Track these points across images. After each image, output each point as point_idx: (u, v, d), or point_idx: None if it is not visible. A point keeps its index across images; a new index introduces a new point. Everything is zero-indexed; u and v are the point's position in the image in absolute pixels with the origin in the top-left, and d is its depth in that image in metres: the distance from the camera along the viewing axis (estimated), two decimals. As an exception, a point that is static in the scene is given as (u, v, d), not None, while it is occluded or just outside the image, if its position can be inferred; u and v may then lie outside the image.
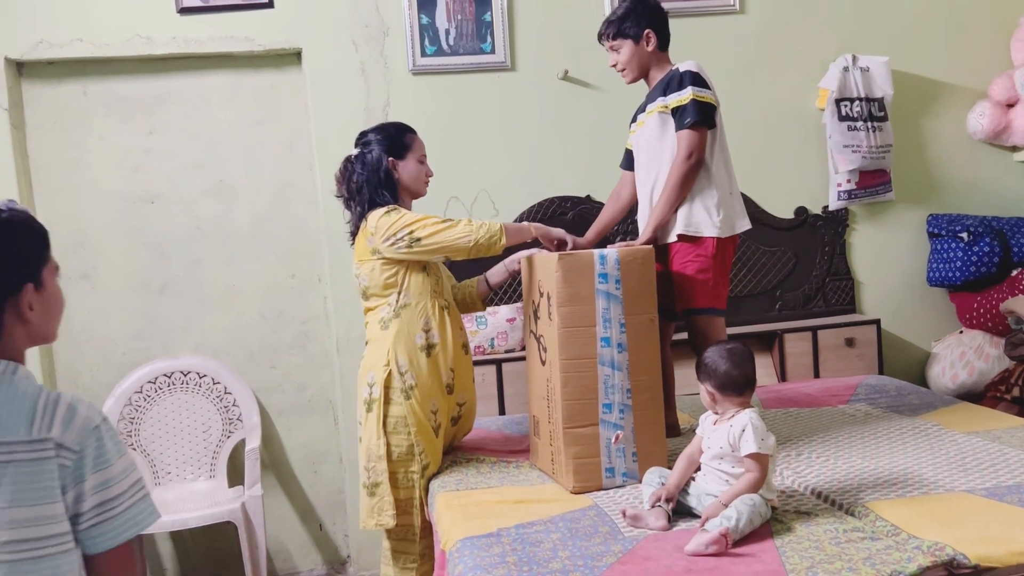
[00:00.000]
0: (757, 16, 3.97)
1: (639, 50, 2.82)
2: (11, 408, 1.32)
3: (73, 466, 1.33)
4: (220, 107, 3.78)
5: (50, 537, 1.32)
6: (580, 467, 2.51)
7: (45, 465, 1.31)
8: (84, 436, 1.35)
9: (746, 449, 2.13)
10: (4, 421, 1.31)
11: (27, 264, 1.40)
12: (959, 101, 4.12)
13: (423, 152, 2.79)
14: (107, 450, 1.37)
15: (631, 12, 2.81)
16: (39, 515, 1.30)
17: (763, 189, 3.98)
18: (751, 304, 3.98)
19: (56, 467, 1.32)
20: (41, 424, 1.32)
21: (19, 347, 1.41)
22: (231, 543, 3.60)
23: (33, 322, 1.41)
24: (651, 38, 2.81)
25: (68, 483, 1.33)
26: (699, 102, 2.69)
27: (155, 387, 3.67)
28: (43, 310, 1.43)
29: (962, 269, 3.86)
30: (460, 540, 2.23)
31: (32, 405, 1.33)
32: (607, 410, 2.52)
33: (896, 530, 2.04)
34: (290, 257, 3.85)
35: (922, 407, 3.23)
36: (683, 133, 2.69)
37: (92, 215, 3.72)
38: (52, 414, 1.33)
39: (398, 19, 3.74)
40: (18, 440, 1.30)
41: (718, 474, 2.20)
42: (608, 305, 2.52)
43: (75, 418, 1.34)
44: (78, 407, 1.36)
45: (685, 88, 2.70)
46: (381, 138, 2.74)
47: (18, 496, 1.29)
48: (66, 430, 1.33)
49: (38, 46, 3.54)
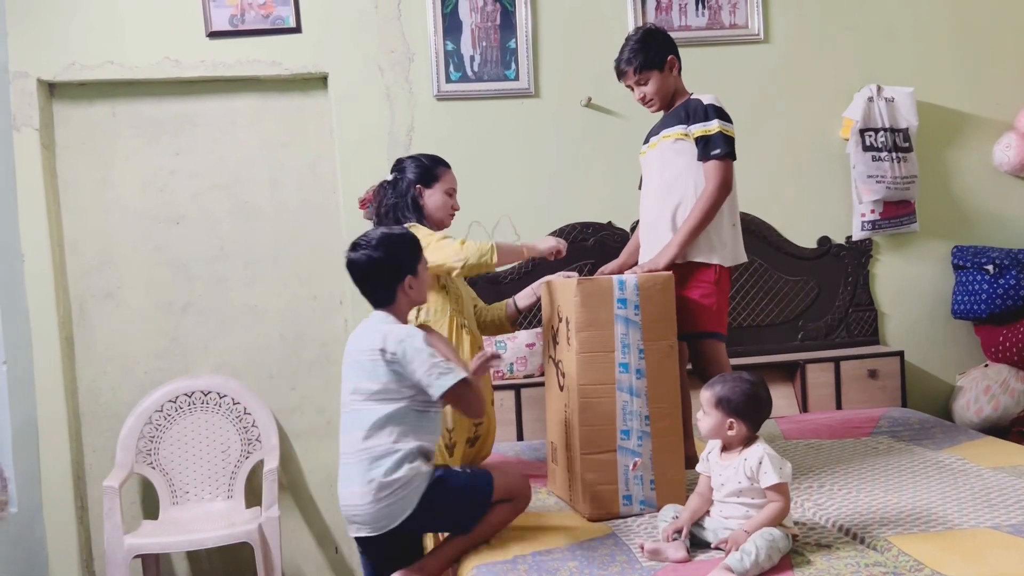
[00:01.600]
0: (782, 46, 3.97)
1: (664, 77, 2.88)
2: (371, 332, 2.30)
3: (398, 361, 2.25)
4: (246, 130, 3.82)
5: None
6: (597, 494, 2.49)
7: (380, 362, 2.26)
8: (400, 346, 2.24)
9: (767, 481, 2.11)
10: (369, 337, 2.30)
11: (410, 262, 2.38)
12: (985, 133, 4.10)
13: (453, 185, 2.88)
14: (416, 348, 2.24)
15: (650, 43, 2.87)
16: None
17: (787, 218, 3.96)
18: (773, 334, 3.95)
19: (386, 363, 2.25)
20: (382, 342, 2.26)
21: (402, 309, 2.40)
22: (247, 564, 3.60)
23: (410, 296, 2.39)
24: (675, 64, 2.89)
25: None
26: (726, 135, 2.74)
27: (175, 406, 3.68)
28: (416, 289, 2.40)
29: (987, 302, 3.81)
30: (476, 567, 2.22)
31: (380, 333, 2.27)
32: (625, 437, 2.51)
33: (919, 565, 2.01)
34: (312, 279, 3.87)
35: (946, 441, 3.19)
36: (714, 164, 2.73)
37: (117, 234, 3.76)
38: (386, 338, 2.26)
39: (423, 45, 3.77)
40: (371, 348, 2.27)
41: (739, 509, 2.18)
42: (627, 331, 2.51)
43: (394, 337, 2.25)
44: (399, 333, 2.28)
45: (712, 120, 2.75)
46: (414, 166, 2.86)
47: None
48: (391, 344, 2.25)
49: (70, 68, 3.60)
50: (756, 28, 3.93)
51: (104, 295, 3.75)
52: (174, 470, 3.67)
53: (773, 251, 3.93)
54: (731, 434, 2.19)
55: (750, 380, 2.21)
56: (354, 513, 2.25)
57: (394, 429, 2.24)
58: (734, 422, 2.19)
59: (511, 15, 3.80)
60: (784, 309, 3.96)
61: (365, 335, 2.32)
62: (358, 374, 2.29)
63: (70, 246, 3.72)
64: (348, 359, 2.35)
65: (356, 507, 2.24)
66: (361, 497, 2.22)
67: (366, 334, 2.32)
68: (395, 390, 2.25)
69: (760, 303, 3.93)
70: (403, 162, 2.90)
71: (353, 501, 2.24)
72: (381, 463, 2.21)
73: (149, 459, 3.63)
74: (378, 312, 2.39)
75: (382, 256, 2.34)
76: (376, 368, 2.26)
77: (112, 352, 3.76)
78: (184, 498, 3.66)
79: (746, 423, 2.18)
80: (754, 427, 2.19)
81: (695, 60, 3.92)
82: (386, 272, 2.35)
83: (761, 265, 3.91)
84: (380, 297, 2.38)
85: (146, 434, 3.63)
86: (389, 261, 2.35)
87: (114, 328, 3.76)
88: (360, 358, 2.29)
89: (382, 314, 2.37)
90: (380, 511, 2.22)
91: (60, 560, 3.63)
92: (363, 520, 2.24)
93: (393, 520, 2.23)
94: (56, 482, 3.62)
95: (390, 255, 2.35)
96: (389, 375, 2.25)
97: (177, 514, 3.61)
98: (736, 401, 2.18)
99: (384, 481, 2.20)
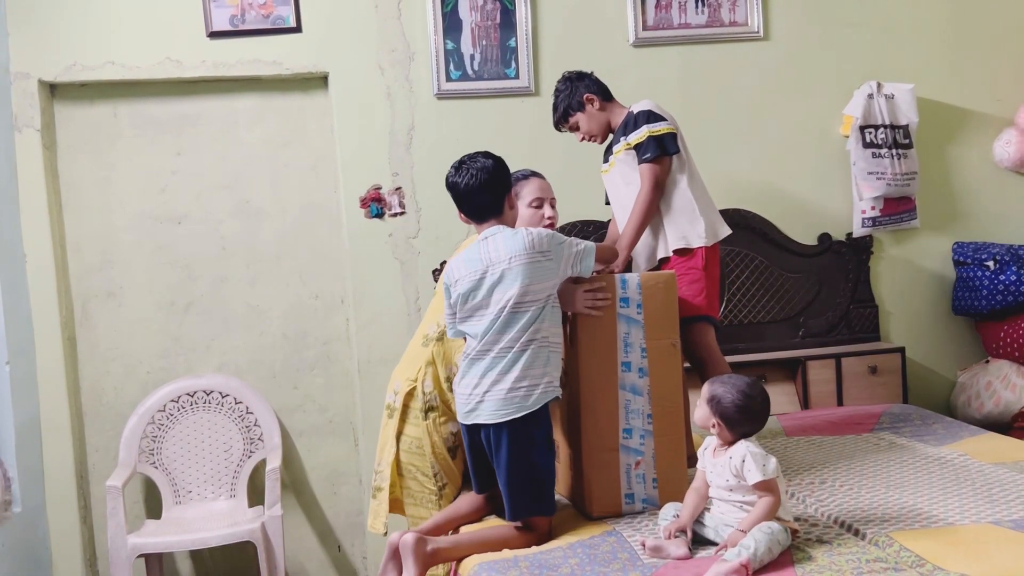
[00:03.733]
0: (781, 43, 3.97)
1: (590, 114, 3.08)
2: (509, 240, 2.43)
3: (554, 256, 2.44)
4: (247, 129, 3.83)
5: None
6: (600, 492, 2.50)
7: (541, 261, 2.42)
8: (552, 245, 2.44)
9: (752, 479, 2.12)
10: (508, 246, 2.42)
11: (509, 180, 2.58)
12: (985, 129, 4.10)
13: (538, 195, 2.87)
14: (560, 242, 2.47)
15: (565, 91, 3.10)
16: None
17: (787, 215, 3.97)
18: (774, 331, 3.95)
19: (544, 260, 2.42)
20: (531, 246, 2.41)
21: (508, 222, 2.54)
22: (250, 563, 3.61)
23: (511, 210, 2.57)
24: (593, 100, 3.07)
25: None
26: (654, 137, 2.89)
27: (178, 406, 3.69)
28: (513, 208, 2.59)
29: (988, 298, 3.82)
30: (477, 564, 2.22)
31: (523, 238, 2.42)
32: (627, 435, 2.52)
33: (921, 561, 2.02)
34: (313, 278, 3.88)
35: (947, 437, 3.20)
36: (643, 168, 2.91)
37: (119, 234, 3.76)
38: (534, 242, 2.41)
39: (424, 44, 3.78)
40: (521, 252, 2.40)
41: (734, 505, 2.19)
42: (629, 330, 2.52)
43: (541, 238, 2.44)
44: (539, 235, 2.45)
45: (640, 127, 2.93)
46: None
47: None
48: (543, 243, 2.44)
49: (71, 68, 3.60)
50: (756, 25, 3.93)
51: (106, 295, 3.76)
52: (177, 469, 3.68)
53: (774, 248, 3.94)
54: (714, 431, 2.21)
55: (748, 392, 2.19)
56: (477, 400, 2.41)
57: (532, 328, 2.39)
58: (717, 424, 2.20)
59: (511, 13, 3.81)
60: (785, 306, 3.96)
61: (505, 243, 2.42)
62: (519, 277, 2.38)
63: (72, 246, 3.73)
64: (494, 270, 2.41)
65: (478, 396, 2.40)
66: (491, 386, 2.39)
67: (505, 242, 2.43)
68: (534, 290, 2.39)
69: (761, 300, 3.93)
70: None
71: (483, 388, 2.40)
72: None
73: (152, 458, 3.64)
74: (491, 227, 2.50)
75: (493, 165, 2.51)
76: (538, 268, 2.40)
77: (115, 352, 3.77)
78: (187, 497, 3.67)
79: (729, 429, 2.19)
80: (737, 435, 2.20)
81: (695, 58, 3.95)
82: (498, 182, 2.52)
83: (762, 262, 3.91)
84: (491, 208, 2.52)
85: (149, 434, 3.64)
86: (499, 171, 2.52)
87: (116, 328, 3.77)
88: (515, 264, 2.39)
89: (498, 226, 2.50)
90: (499, 403, 2.37)
91: (64, 559, 3.64)
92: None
93: (502, 418, 2.37)
94: (59, 482, 3.63)
95: (499, 166, 2.53)
96: (538, 273, 2.40)
97: (180, 513, 3.61)
98: (725, 407, 2.19)
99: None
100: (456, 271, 2.49)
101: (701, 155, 3.91)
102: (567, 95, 3.09)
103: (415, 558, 2.23)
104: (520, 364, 2.36)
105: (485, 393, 2.38)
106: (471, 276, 2.44)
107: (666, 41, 3.89)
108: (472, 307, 2.44)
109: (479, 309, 2.42)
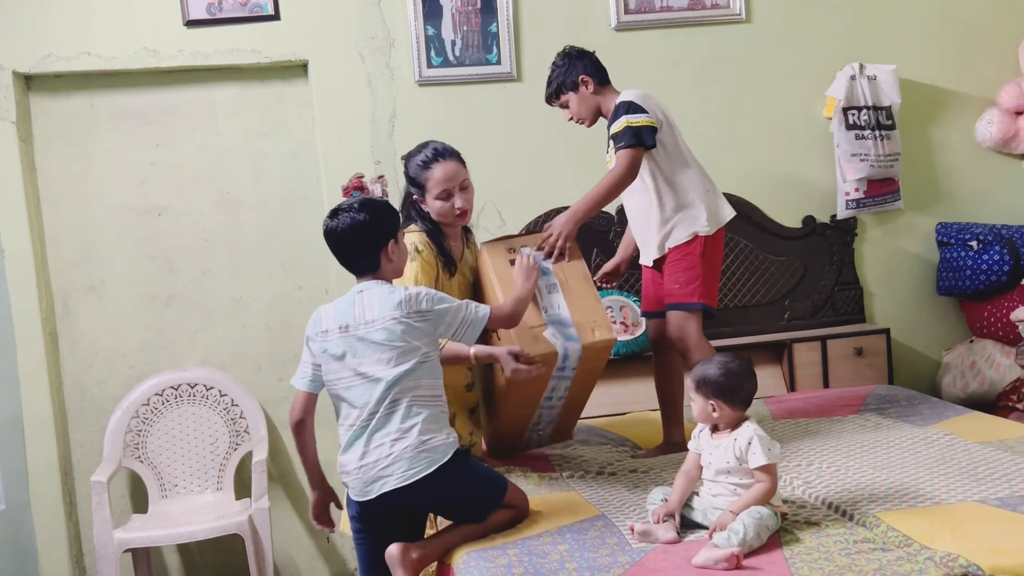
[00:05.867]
0: (763, 25, 3.96)
1: (582, 96, 3.02)
2: (385, 298, 2.27)
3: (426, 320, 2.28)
4: (227, 119, 3.79)
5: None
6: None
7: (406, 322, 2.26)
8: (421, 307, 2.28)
9: (756, 462, 2.12)
10: (382, 304, 2.26)
11: (391, 227, 2.34)
12: (967, 109, 4.10)
13: (445, 186, 2.66)
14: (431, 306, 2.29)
15: (562, 67, 3.02)
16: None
17: (771, 198, 3.96)
18: (759, 314, 3.96)
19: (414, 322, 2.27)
20: (407, 304, 2.26)
21: (387, 276, 2.35)
22: (238, 556, 3.59)
23: (392, 262, 2.35)
24: (588, 82, 3.00)
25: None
26: (631, 127, 2.85)
27: (162, 399, 3.66)
28: (397, 257, 2.36)
29: (972, 278, 3.83)
30: (466, 552, 2.21)
31: (399, 296, 2.26)
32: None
33: (908, 541, 2.02)
34: (297, 269, 3.85)
35: (933, 417, 3.21)
36: (619, 154, 2.87)
37: (99, 227, 3.72)
38: (410, 300, 2.26)
39: (404, 30, 3.74)
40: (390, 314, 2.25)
41: (727, 488, 2.18)
42: (557, 384, 2.72)
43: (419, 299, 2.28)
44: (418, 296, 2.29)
45: (620, 117, 2.88)
46: (406, 175, 2.76)
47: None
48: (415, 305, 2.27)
49: (46, 59, 3.55)
50: (738, 8, 3.92)
51: (87, 288, 3.72)
52: (162, 463, 3.65)
53: (758, 231, 3.93)
54: (716, 416, 2.20)
55: (724, 359, 2.21)
56: (381, 468, 2.22)
57: (416, 384, 2.26)
58: (715, 404, 2.19)
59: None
60: (770, 289, 3.96)
61: (380, 299, 2.26)
62: (389, 337, 2.23)
63: (51, 240, 3.69)
64: (355, 332, 2.26)
65: (383, 460, 2.22)
66: (391, 448, 2.21)
67: (381, 299, 2.26)
68: (412, 348, 2.25)
69: (746, 284, 3.93)
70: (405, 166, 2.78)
71: (382, 454, 2.22)
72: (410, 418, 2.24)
73: (137, 453, 3.62)
74: (366, 281, 2.32)
75: (366, 218, 2.29)
76: (401, 329, 2.23)
77: (97, 346, 3.73)
78: (173, 491, 3.65)
79: (727, 403, 2.18)
80: (737, 407, 2.19)
81: (677, 41, 3.93)
82: (371, 235, 2.30)
83: (747, 246, 3.91)
84: (364, 263, 2.33)
85: (133, 428, 3.62)
86: (373, 223, 2.30)
87: (98, 322, 3.73)
88: (388, 323, 2.23)
89: (375, 281, 2.32)
90: (408, 462, 2.20)
91: (50, 556, 3.61)
92: (387, 473, 2.22)
93: (417, 475, 2.20)
94: (44, 478, 3.60)
95: (374, 218, 2.30)
96: (413, 333, 2.25)
97: (166, 507, 3.59)
98: (712, 382, 2.18)
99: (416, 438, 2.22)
100: (324, 322, 2.32)
101: (685, 138, 3.91)
102: (563, 71, 3.01)
103: (403, 568, 2.23)
104: (412, 420, 2.21)
105: (386, 458, 2.21)
106: (340, 333, 2.27)
107: (648, 25, 3.87)
108: (342, 367, 2.27)
109: (350, 371, 2.26)
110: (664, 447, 3.04)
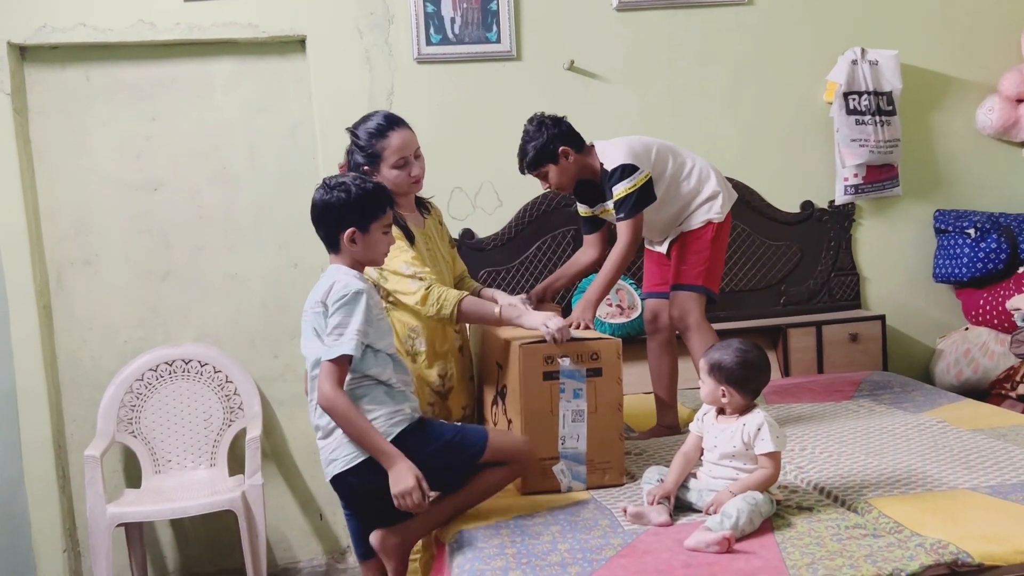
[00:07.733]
0: (765, 8, 3.93)
1: (563, 167, 2.92)
2: (321, 283, 2.24)
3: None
4: (223, 94, 3.76)
5: None
6: None
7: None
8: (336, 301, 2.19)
9: (763, 448, 2.12)
10: (317, 288, 2.24)
11: (358, 216, 2.23)
12: (968, 96, 4.09)
13: (402, 154, 2.59)
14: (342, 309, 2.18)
15: (538, 140, 2.90)
16: None
17: (769, 183, 3.95)
18: (755, 298, 3.95)
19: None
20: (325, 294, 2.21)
21: (347, 261, 2.27)
22: (231, 532, 3.59)
23: (352, 251, 2.25)
24: (569, 153, 2.90)
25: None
26: (631, 194, 2.82)
27: (156, 375, 3.66)
28: (362, 246, 2.25)
29: (968, 265, 3.83)
30: (459, 532, 2.22)
31: (325, 286, 2.21)
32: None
33: (899, 527, 2.03)
34: (292, 245, 3.84)
35: (926, 404, 3.22)
36: (622, 224, 2.84)
37: (94, 201, 3.70)
38: (328, 291, 2.20)
39: (403, 7, 3.71)
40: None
41: (729, 471, 2.19)
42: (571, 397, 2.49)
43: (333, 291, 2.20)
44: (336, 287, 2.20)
45: (618, 184, 2.84)
46: (356, 149, 2.64)
47: None
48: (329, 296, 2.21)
49: (41, 30, 3.51)
50: (740, -10, 3.89)
51: (82, 263, 3.70)
52: (156, 439, 3.65)
53: (756, 216, 3.93)
54: (725, 401, 2.20)
55: (743, 348, 2.20)
56: (331, 450, 2.22)
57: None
58: (726, 390, 2.19)
59: (492, -24, 3.74)
60: (767, 274, 3.96)
61: (319, 285, 2.25)
62: (308, 324, 2.24)
63: (46, 213, 3.66)
64: (305, 312, 2.28)
65: (331, 443, 2.22)
66: (333, 431, 2.21)
67: (319, 284, 2.25)
68: None
69: (742, 268, 3.93)
70: (350, 142, 2.67)
71: (327, 436, 2.23)
72: None
73: (131, 428, 3.61)
74: (332, 261, 2.30)
75: (336, 196, 2.22)
76: (316, 316, 2.21)
77: (91, 321, 3.72)
78: (166, 467, 3.65)
79: (739, 391, 2.18)
80: (748, 395, 2.19)
81: (678, 22, 3.90)
82: (333, 215, 2.23)
83: (744, 230, 3.91)
84: (326, 241, 2.29)
85: (127, 403, 3.61)
86: (340, 205, 2.22)
87: (93, 297, 3.72)
88: (312, 310, 2.23)
89: (334, 265, 2.28)
90: (349, 445, 2.18)
91: (43, 530, 3.62)
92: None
93: (357, 459, 2.17)
94: (37, 452, 3.60)
95: (345, 199, 2.22)
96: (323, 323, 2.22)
97: (160, 483, 3.60)
98: (727, 369, 2.18)
99: None
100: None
101: (683, 121, 3.90)
102: (541, 143, 2.89)
103: (384, 555, 2.23)
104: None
105: (333, 440, 2.21)
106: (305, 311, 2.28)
107: (650, 5, 3.84)
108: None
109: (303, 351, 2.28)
110: (657, 429, 3.05)
